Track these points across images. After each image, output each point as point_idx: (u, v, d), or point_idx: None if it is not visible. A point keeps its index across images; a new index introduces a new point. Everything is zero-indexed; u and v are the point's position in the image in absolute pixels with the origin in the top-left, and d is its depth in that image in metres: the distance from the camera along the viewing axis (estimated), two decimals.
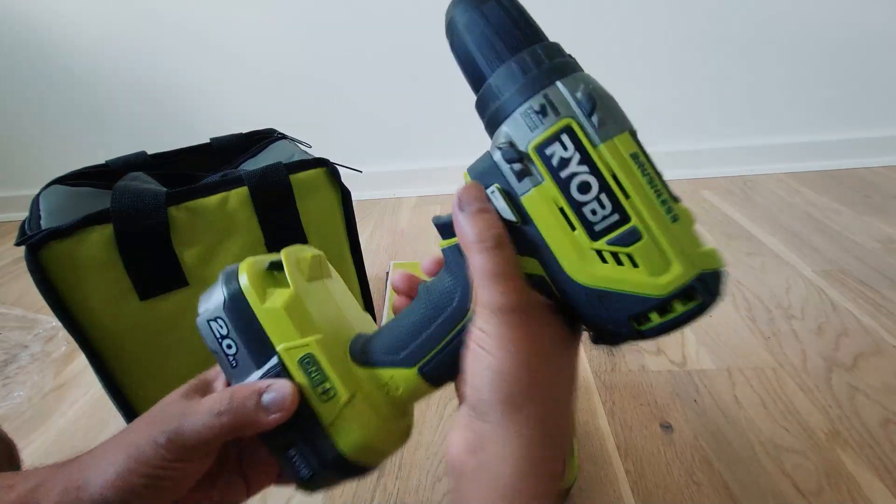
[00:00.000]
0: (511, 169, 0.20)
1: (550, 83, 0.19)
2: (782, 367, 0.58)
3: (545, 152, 0.19)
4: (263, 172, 0.49)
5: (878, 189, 1.06)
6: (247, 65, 1.15)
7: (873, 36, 1.07)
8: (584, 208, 0.19)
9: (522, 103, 0.20)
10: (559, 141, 0.19)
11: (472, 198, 0.21)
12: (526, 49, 0.20)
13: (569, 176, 0.19)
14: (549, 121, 0.19)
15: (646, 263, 0.19)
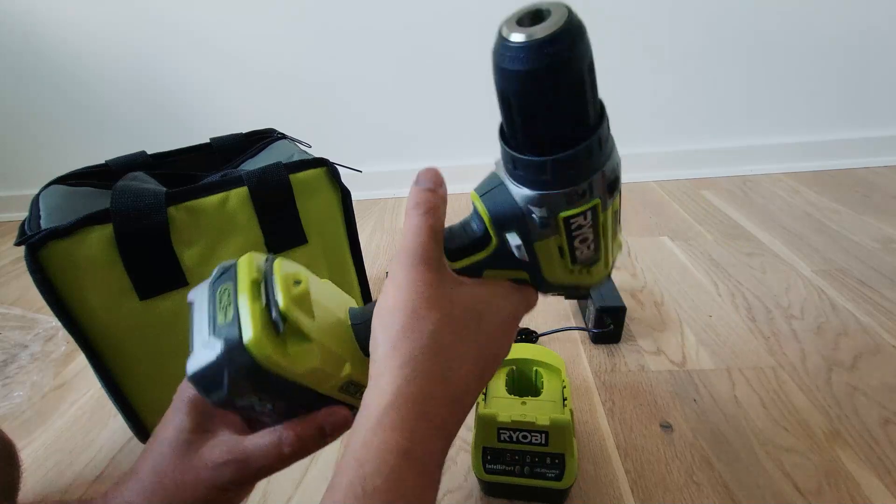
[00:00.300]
0: (538, 227, 0.23)
1: (598, 170, 0.22)
2: (782, 367, 0.58)
3: (570, 221, 0.23)
4: (263, 172, 0.49)
5: (878, 189, 1.06)
6: (247, 65, 1.15)
7: (873, 36, 1.07)
8: (577, 251, 0.25)
9: (571, 186, 0.22)
10: (583, 214, 0.23)
11: (429, 178, 0.25)
12: (597, 133, 0.21)
13: (578, 234, 0.24)
14: (584, 201, 0.22)
15: (596, 271, 0.27)
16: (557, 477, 0.41)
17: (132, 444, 0.54)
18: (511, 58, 0.19)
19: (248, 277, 0.24)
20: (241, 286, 0.24)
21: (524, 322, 0.69)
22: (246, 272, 0.25)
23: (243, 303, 0.23)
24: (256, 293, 0.24)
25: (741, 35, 1.08)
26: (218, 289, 0.25)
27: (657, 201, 1.09)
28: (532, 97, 0.20)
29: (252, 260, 0.25)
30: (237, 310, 0.23)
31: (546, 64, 0.18)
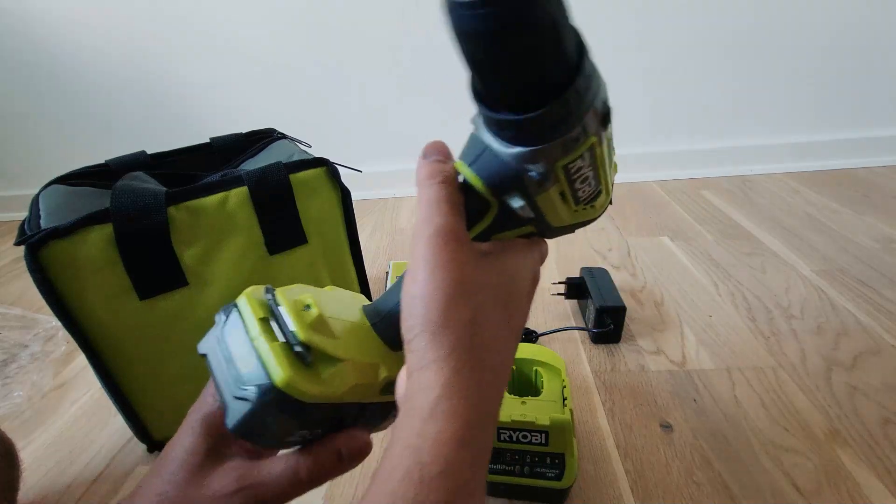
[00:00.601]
0: (536, 182, 0.22)
1: (590, 108, 0.20)
2: (782, 367, 0.58)
3: (569, 167, 0.21)
4: (263, 172, 0.49)
5: (877, 189, 1.06)
6: (247, 64, 1.15)
7: (873, 36, 1.07)
8: (579, 192, 0.23)
9: (566, 134, 0.20)
10: (582, 157, 0.21)
11: (436, 150, 0.24)
12: (580, 74, 0.19)
13: (578, 175, 0.22)
14: (580, 144, 0.21)
15: (599, 203, 0.26)
16: (557, 477, 0.41)
17: (132, 444, 0.54)
18: (471, 17, 0.16)
19: (256, 317, 0.23)
20: (252, 329, 0.23)
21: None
22: (251, 313, 0.23)
23: (261, 345, 0.22)
24: (270, 331, 0.23)
25: (741, 35, 1.08)
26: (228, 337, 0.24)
27: (657, 201, 1.09)
28: (507, 55, 0.17)
29: (252, 297, 0.24)
30: (258, 354, 0.22)
31: (514, 19, 0.16)
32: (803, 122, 1.17)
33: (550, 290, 0.75)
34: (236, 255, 0.49)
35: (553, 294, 0.74)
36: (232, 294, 0.26)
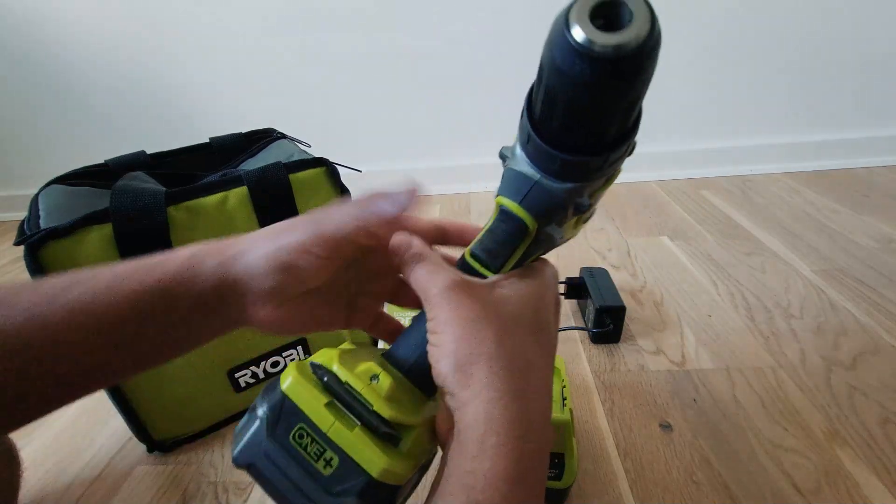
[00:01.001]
0: (575, 210, 0.23)
1: (629, 153, 0.23)
2: (781, 367, 0.58)
3: (598, 194, 0.24)
4: (263, 172, 0.49)
5: (877, 189, 1.06)
6: (246, 64, 1.15)
7: (872, 36, 1.07)
8: (587, 213, 0.24)
9: (611, 172, 0.22)
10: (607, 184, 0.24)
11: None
12: (636, 128, 0.21)
13: (595, 199, 0.24)
14: (614, 177, 0.23)
15: (588, 216, 0.25)
16: (557, 476, 0.41)
17: (132, 444, 0.54)
18: (581, 64, 0.16)
19: (320, 404, 0.21)
20: (324, 421, 0.20)
21: None
22: (311, 401, 0.21)
23: (343, 439, 0.20)
24: (344, 417, 0.21)
25: (740, 35, 1.08)
26: (291, 437, 0.20)
27: (657, 201, 1.09)
28: (598, 105, 0.18)
29: (302, 379, 0.22)
30: (341, 452, 0.20)
31: (623, 79, 0.17)
32: (803, 122, 1.17)
33: None
34: None
35: None
36: None
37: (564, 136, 0.20)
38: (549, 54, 0.17)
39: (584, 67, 0.16)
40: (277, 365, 0.56)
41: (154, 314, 0.24)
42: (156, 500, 0.48)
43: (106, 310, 0.23)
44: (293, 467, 0.20)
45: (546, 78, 0.18)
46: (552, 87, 0.18)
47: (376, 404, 0.21)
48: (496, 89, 1.12)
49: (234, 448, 0.21)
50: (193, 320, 0.25)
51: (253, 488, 0.48)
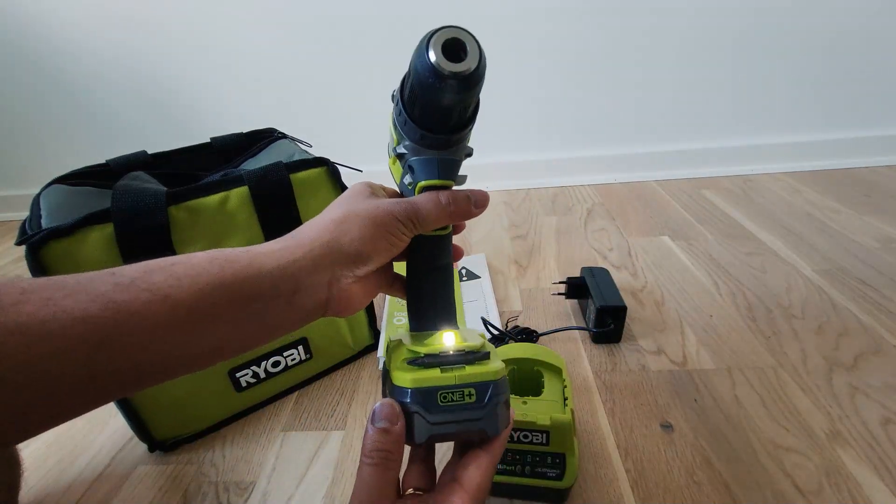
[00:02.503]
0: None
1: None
2: (782, 367, 0.58)
3: None
4: (264, 172, 0.49)
5: (878, 189, 1.06)
6: (247, 64, 1.15)
7: (873, 36, 1.07)
8: None
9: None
10: None
11: (384, 416, 0.27)
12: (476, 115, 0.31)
13: None
14: None
15: None
16: (558, 476, 0.41)
17: (132, 444, 0.54)
18: (440, 86, 0.25)
19: (437, 374, 0.28)
20: (447, 379, 0.28)
21: (525, 322, 0.69)
22: (431, 377, 0.28)
23: (465, 377, 0.28)
24: (453, 370, 0.28)
25: (741, 34, 1.08)
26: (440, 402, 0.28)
27: (657, 201, 1.09)
28: (462, 106, 0.27)
29: (412, 371, 0.28)
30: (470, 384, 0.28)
31: (458, 91, 0.25)
32: (804, 122, 1.17)
33: (551, 290, 0.75)
34: None
35: (553, 294, 0.74)
36: None
37: (437, 125, 0.28)
38: (414, 66, 0.26)
39: (435, 81, 0.25)
40: (278, 364, 0.56)
41: (235, 301, 0.25)
42: (157, 499, 0.48)
43: (185, 295, 0.24)
44: (458, 413, 0.28)
45: (411, 80, 0.27)
46: (418, 92, 0.27)
47: (429, 349, 0.29)
48: (496, 90, 1.12)
49: (410, 437, 0.27)
50: (274, 308, 0.27)
51: (254, 488, 0.48)
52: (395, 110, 0.30)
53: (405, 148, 0.30)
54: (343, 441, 0.52)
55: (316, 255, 0.28)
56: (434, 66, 0.24)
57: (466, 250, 0.92)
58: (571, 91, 1.15)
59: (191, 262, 0.25)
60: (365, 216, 0.29)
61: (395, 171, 0.34)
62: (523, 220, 1.04)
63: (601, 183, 1.21)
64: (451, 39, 0.25)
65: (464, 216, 0.31)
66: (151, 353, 0.23)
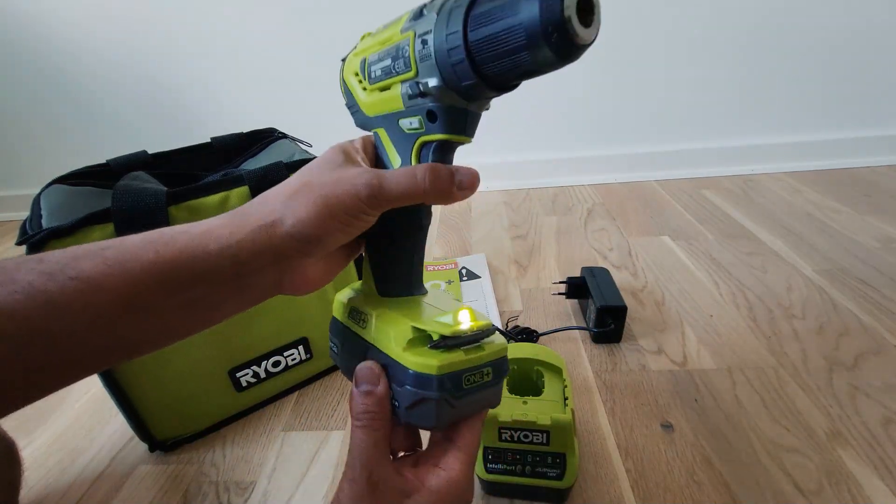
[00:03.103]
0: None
1: None
2: (783, 367, 0.58)
3: None
4: (264, 172, 0.49)
5: (879, 188, 1.06)
6: (248, 64, 1.15)
7: (873, 35, 1.07)
8: None
9: None
10: None
11: (366, 376, 0.27)
12: None
13: None
14: None
15: None
16: (558, 476, 0.41)
17: (133, 444, 0.54)
18: (555, 47, 0.19)
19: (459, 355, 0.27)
20: (469, 361, 0.28)
21: (525, 322, 0.69)
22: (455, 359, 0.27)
23: (480, 357, 0.28)
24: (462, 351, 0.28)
25: (742, 34, 1.08)
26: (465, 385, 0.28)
27: (658, 201, 1.09)
28: (535, 68, 0.21)
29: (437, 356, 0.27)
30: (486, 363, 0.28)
31: (569, 61, 0.20)
32: (805, 122, 1.16)
33: (551, 290, 0.75)
34: None
35: (554, 294, 0.74)
36: None
37: (496, 70, 0.22)
38: (522, 8, 0.19)
39: (552, 39, 0.19)
40: (279, 364, 0.56)
41: (174, 286, 0.23)
42: (157, 499, 0.48)
43: (119, 283, 0.22)
44: (478, 394, 0.28)
45: (503, 20, 0.20)
46: (509, 31, 0.20)
47: (451, 330, 0.27)
48: None
49: (433, 423, 0.27)
50: (221, 291, 0.25)
51: (254, 488, 0.48)
52: (432, 35, 0.23)
53: (430, 87, 0.24)
54: (344, 441, 0.52)
55: (258, 236, 0.24)
56: (563, 22, 0.18)
57: (466, 251, 0.92)
58: (572, 91, 1.15)
59: (124, 245, 0.23)
60: (319, 193, 0.25)
61: (382, 101, 0.27)
62: (523, 219, 1.04)
63: (601, 183, 1.21)
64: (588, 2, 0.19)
65: (443, 198, 0.26)
66: (88, 345, 0.22)
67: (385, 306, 0.30)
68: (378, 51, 0.26)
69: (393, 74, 0.25)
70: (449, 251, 0.93)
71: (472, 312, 0.28)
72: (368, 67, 0.27)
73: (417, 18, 0.24)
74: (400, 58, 0.25)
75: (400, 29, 0.25)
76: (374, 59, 0.27)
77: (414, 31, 0.24)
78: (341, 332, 0.32)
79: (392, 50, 0.25)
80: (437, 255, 0.91)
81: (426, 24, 0.23)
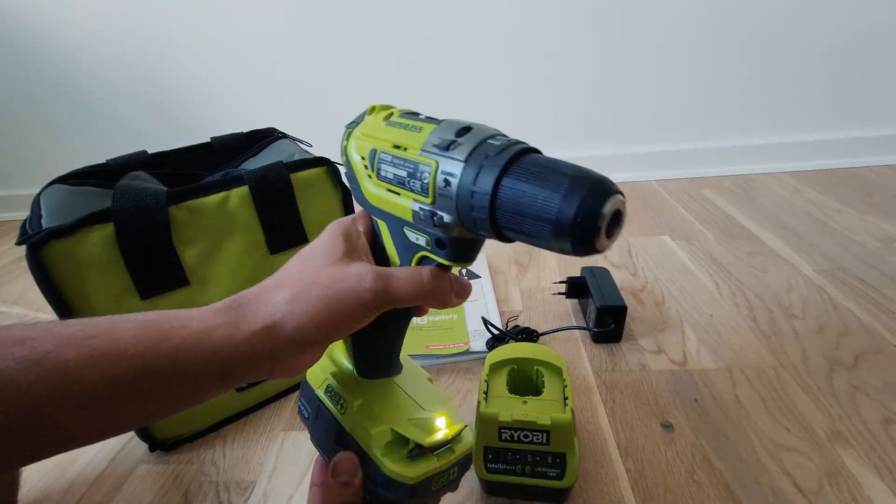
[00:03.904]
0: None
1: None
2: (783, 367, 0.58)
3: None
4: (264, 171, 0.49)
5: (879, 188, 1.06)
6: (247, 64, 1.15)
7: (874, 35, 1.07)
8: None
9: None
10: None
11: (346, 470, 0.28)
12: None
13: None
14: None
15: None
16: (558, 476, 0.41)
17: (133, 444, 0.54)
18: (573, 244, 0.19)
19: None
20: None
21: (525, 321, 0.69)
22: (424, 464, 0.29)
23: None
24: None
25: (742, 34, 1.08)
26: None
27: (658, 200, 1.09)
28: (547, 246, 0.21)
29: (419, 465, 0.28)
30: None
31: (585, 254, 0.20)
32: (805, 122, 1.16)
33: (551, 290, 0.75)
34: (237, 255, 0.49)
35: (554, 294, 0.74)
36: (232, 293, 0.25)
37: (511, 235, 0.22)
38: (564, 206, 0.19)
39: (576, 237, 0.19)
40: None
41: (159, 382, 0.23)
42: (157, 499, 0.48)
43: (101, 378, 0.22)
44: (441, 490, 0.30)
45: (535, 211, 0.19)
46: (539, 216, 0.19)
47: (429, 441, 0.29)
48: (496, 89, 1.12)
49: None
50: (207, 386, 0.24)
51: (254, 487, 0.48)
52: (456, 183, 0.21)
53: (444, 221, 0.23)
54: None
55: (257, 340, 0.24)
56: (593, 231, 0.18)
57: None
58: (572, 91, 1.14)
59: (115, 336, 0.23)
60: (321, 294, 0.24)
61: (389, 203, 0.26)
62: None
63: None
64: (618, 213, 0.19)
65: (440, 303, 0.26)
66: (54, 434, 0.22)
67: (364, 395, 0.30)
68: (394, 154, 0.25)
69: (407, 188, 0.24)
70: None
71: (448, 418, 0.30)
72: (379, 164, 0.26)
73: (444, 150, 0.22)
74: (417, 180, 0.23)
75: (420, 147, 0.23)
76: (387, 160, 0.25)
77: (438, 164, 0.22)
78: (316, 406, 0.32)
79: (410, 165, 0.24)
80: None
81: (452, 167, 0.22)
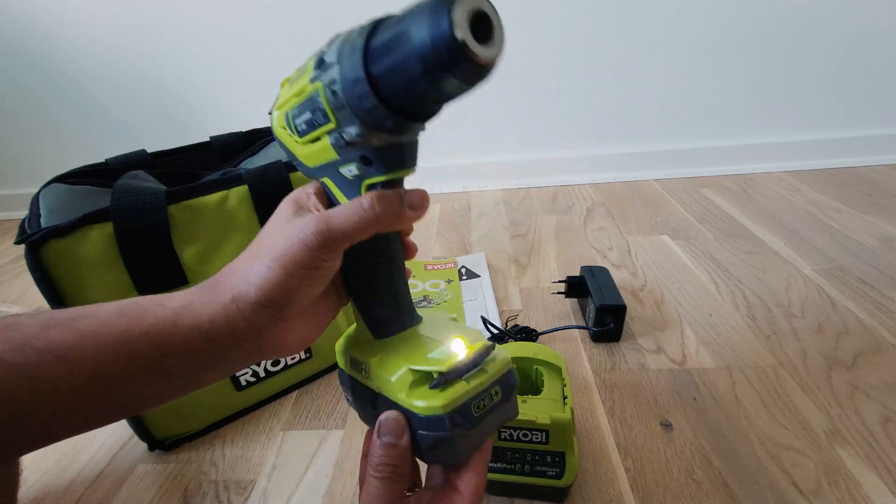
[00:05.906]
0: None
1: None
2: (782, 366, 0.58)
3: None
4: (263, 171, 0.49)
5: (879, 188, 1.06)
6: (247, 64, 1.15)
7: (874, 35, 1.07)
8: None
9: None
10: None
11: (390, 430, 0.26)
12: None
13: None
14: None
15: None
16: (558, 475, 0.41)
17: (133, 443, 0.54)
18: (457, 71, 0.18)
19: (466, 385, 0.27)
20: (473, 390, 0.27)
21: (525, 321, 0.69)
22: (459, 391, 0.26)
23: (484, 380, 0.27)
24: (465, 380, 0.27)
25: (742, 33, 1.08)
26: (475, 412, 0.27)
27: (657, 200, 1.09)
28: (445, 95, 0.21)
29: (439, 394, 0.26)
30: (493, 383, 0.28)
31: (479, 81, 0.20)
32: (805, 121, 1.16)
33: (551, 289, 0.75)
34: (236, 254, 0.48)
35: (553, 293, 0.74)
36: None
37: (409, 105, 0.21)
38: (414, 38, 0.18)
39: (453, 64, 0.18)
40: (278, 363, 0.56)
41: (144, 359, 0.23)
42: (157, 498, 0.48)
43: (88, 355, 0.22)
44: (491, 419, 0.28)
45: (399, 54, 0.19)
46: (406, 65, 0.19)
47: (447, 365, 0.27)
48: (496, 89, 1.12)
49: (456, 459, 0.27)
50: (195, 364, 0.24)
51: (254, 487, 0.48)
52: (339, 84, 0.22)
53: (354, 135, 0.23)
54: (343, 440, 0.52)
55: (229, 310, 0.24)
56: (459, 45, 0.17)
57: (466, 250, 0.92)
58: (572, 90, 1.14)
59: (97, 316, 0.23)
60: (271, 255, 0.24)
61: (316, 153, 0.26)
62: (523, 219, 1.04)
63: (601, 182, 1.21)
64: (479, 13, 0.18)
65: (394, 223, 0.25)
66: (51, 415, 0.22)
67: (381, 351, 0.29)
68: (297, 104, 0.25)
69: (316, 127, 0.24)
70: (448, 250, 0.93)
71: (465, 338, 0.28)
72: (293, 121, 0.26)
73: (321, 67, 0.23)
74: (317, 110, 0.23)
75: (309, 79, 0.24)
76: (296, 113, 0.25)
77: (322, 82, 0.23)
78: (349, 383, 0.31)
79: (308, 103, 0.24)
80: (436, 255, 0.91)
81: (331, 74, 0.22)
